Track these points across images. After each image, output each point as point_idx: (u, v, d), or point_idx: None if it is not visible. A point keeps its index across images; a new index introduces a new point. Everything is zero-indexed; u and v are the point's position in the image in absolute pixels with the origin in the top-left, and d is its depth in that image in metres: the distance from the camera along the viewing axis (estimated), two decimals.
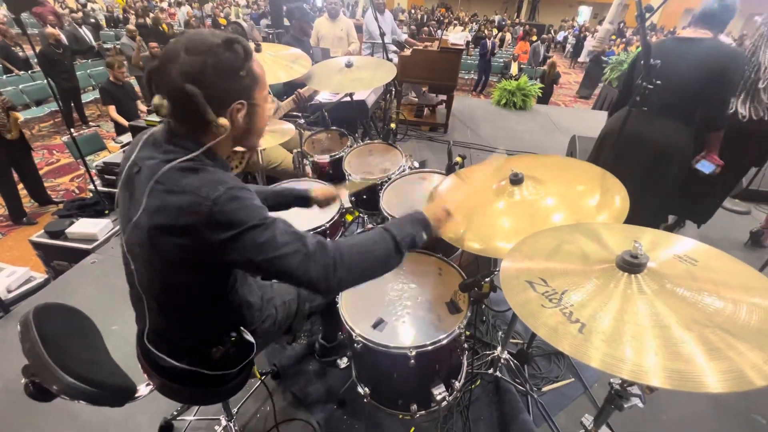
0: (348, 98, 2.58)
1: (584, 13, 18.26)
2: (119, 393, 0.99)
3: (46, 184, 4.49)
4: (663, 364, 0.56)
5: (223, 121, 0.82)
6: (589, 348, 0.61)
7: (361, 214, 2.16)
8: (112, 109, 4.20)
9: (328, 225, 1.62)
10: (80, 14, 9.87)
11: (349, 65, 1.98)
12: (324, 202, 1.39)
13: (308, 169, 2.23)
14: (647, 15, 1.06)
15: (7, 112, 3.32)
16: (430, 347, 1.14)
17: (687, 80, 1.85)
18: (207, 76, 0.78)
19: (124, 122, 4.19)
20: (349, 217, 2.39)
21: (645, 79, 1.22)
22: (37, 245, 2.79)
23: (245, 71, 0.83)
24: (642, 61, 1.24)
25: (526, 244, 0.91)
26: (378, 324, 1.22)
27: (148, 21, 8.18)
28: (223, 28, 7.76)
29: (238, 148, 0.99)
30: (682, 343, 0.58)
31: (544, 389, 1.75)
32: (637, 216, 1.03)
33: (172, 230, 0.79)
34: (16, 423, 1.63)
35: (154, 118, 3.17)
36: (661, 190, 2.08)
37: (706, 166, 2.01)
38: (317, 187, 1.39)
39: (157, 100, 0.81)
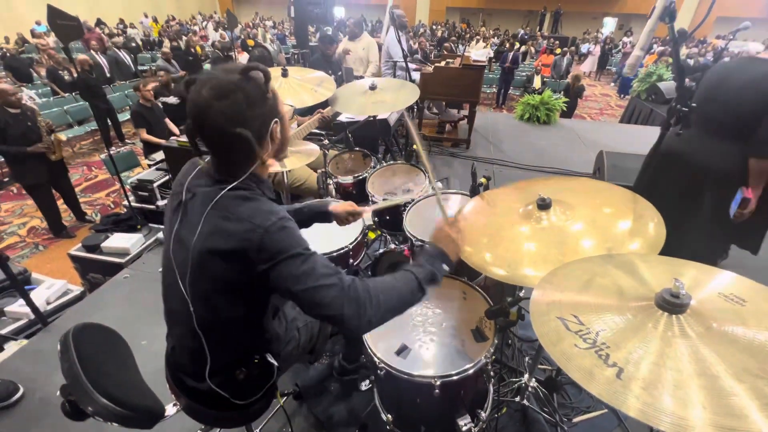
0: (371, 117, 2.62)
1: (609, 24, 17.95)
2: (150, 415, 1.01)
3: (84, 199, 4.74)
4: (712, 419, 0.52)
5: (270, 160, 0.89)
6: (627, 396, 0.57)
7: (383, 233, 2.17)
8: (143, 132, 4.39)
9: (351, 246, 1.62)
10: (121, 39, 10.54)
11: (372, 88, 2.01)
12: (344, 219, 1.35)
13: (332, 188, 2.26)
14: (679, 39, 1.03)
15: (51, 135, 3.54)
16: (455, 377, 1.11)
17: (741, 99, 1.73)
18: (246, 113, 0.82)
19: (160, 141, 4.35)
20: (372, 235, 2.40)
21: (679, 102, 1.18)
22: (74, 258, 2.94)
23: (270, 92, 0.87)
24: (676, 85, 1.21)
25: (556, 276, 0.88)
26: (402, 350, 1.20)
27: (181, 44, 8.64)
28: (251, 49, 8.08)
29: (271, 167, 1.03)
30: (732, 395, 0.54)
31: (575, 420, 1.66)
32: (678, 243, 0.98)
33: (223, 254, 0.83)
34: None
35: (185, 138, 3.30)
36: (699, 214, 1.94)
37: (734, 201, 1.79)
38: (336, 204, 1.36)
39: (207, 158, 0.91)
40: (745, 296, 0.71)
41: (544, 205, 1.20)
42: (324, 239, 1.64)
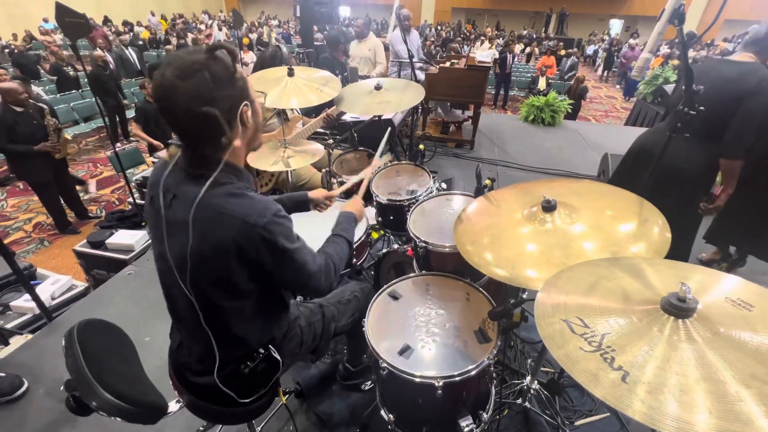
0: (376, 117, 2.62)
1: (616, 26, 17.88)
2: (153, 411, 1.02)
3: (89, 196, 4.77)
4: (718, 425, 0.52)
5: (237, 142, 0.88)
6: (633, 400, 0.57)
7: (386, 233, 2.17)
8: (136, 127, 4.40)
9: (354, 246, 1.62)
10: (128, 36, 10.59)
11: (378, 88, 2.01)
12: (321, 203, 1.50)
13: (336, 187, 2.26)
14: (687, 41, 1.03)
15: (58, 134, 3.56)
16: (457, 378, 1.11)
17: (711, 100, 1.76)
18: (213, 92, 0.79)
19: (150, 140, 4.37)
20: (375, 235, 2.40)
21: (687, 105, 1.17)
22: (79, 254, 2.95)
23: (237, 73, 0.84)
24: (684, 87, 1.20)
25: (561, 279, 0.87)
26: (404, 351, 1.20)
27: (188, 42, 8.67)
28: (251, 46, 8.05)
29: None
30: (739, 401, 0.54)
31: (577, 423, 1.66)
32: None
33: (220, 252, 0.84)
34: (53, 429, 1.69)
35: None
36: (666, 210, 1.99)
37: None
38: (314, 191, 1.49)
39: (173, 149, 0.89)
40: (753, 301, 0.71)
41: (548, 207, 1.20)
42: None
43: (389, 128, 1.84)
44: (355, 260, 1.68)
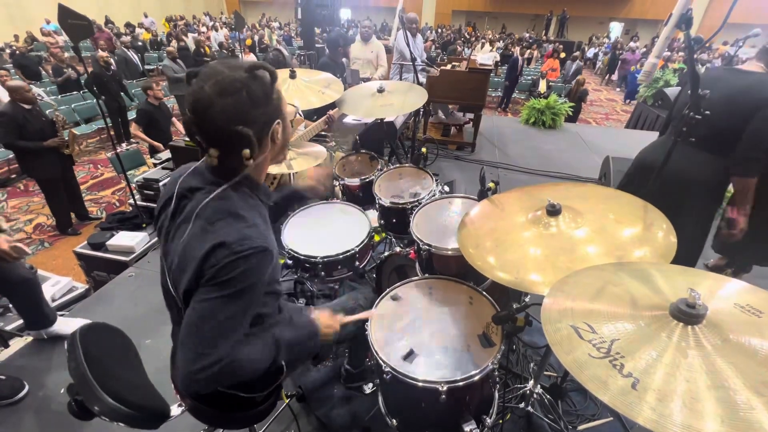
0: (378, 120, 2.62)
1: (616, 29, 17.95)
2: (156, 415, 1.01)
3: (90, 197, 4.76)
4: None
5: (262, 158, 0.88)
6: (643, 407, 0.57)
7: (389, 236, 2.16)
8: (137, 128, 4.39)
9: (357, 249, 1.62)
10: (129, 38, 10.60)
11: (381, 90, 2.01)
12: (320, 191, 1.42)
13: (338, 190, 2.26)
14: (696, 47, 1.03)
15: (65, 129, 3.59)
16: (461, 383, 1.10)
17: (717, 111, 1.69)
18: (249, 112, 0.79)
19: (151, 141, 4.35)
20: (377, 237, 2.39)
21: (692, 110, 1.17)
22: (80, 256, 2.95)
23: (275, 93, 0.85)
24: (690, 91, 1.20)
25: (567, 284, 0.87)
26: (408, 355, 1.19)
27: (191, 43, 8.66)
28: (261, 49, 8.04)
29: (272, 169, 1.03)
30: (750, 409, 0.53)
31: (580, 428, 1.65)
32: None
33: (195, 263, 0.81)
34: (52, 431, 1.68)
35: None
36: (675, 221, 1.97)
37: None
38: (305, 183, 1.40)
39: (213, 152, 0.83)
40: (762, 307, 0.70)
41: (553, 211, 1.19)
42: (331, 241, 1.63)
43: None
44: (357, 263, 1.68)
